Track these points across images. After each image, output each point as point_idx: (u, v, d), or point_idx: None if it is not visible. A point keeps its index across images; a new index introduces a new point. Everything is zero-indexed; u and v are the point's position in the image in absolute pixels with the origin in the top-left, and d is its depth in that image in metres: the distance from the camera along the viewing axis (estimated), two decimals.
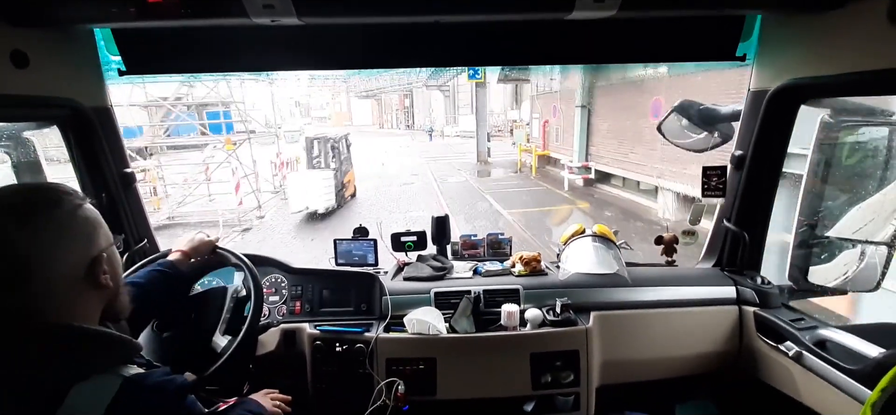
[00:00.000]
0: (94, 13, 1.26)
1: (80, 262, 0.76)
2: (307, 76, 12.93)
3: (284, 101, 48.39)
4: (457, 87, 35.45)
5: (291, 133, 30.22)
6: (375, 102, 52.84)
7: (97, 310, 0.81)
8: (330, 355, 1.66)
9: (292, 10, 1.21)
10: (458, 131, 32.29)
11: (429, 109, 42.48)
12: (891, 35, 1.14)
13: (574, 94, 14.25)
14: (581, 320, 1.68)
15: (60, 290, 0.74)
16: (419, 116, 44.91)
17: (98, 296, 0.80)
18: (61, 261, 0.74)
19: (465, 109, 34.95)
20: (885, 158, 1.59)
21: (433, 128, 35.31)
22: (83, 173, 1.64)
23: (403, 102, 47.43)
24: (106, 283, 0.79)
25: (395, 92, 43.05)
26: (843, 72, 1.31)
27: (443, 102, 39.47)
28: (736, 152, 1.77)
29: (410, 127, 45.62)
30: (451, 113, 38.63)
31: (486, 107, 21.10)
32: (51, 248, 0.73)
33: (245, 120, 15.08)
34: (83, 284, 0.77)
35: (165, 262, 1.36)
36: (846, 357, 1.35)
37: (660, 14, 1.45)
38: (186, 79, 8.92)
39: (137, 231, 1.79)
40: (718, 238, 1.92)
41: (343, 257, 1.99)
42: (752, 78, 1.66)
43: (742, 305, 1.75)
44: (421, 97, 43.24)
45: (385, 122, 51.99)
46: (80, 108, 1.51)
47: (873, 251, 1.59)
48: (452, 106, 38.68)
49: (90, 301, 0.79)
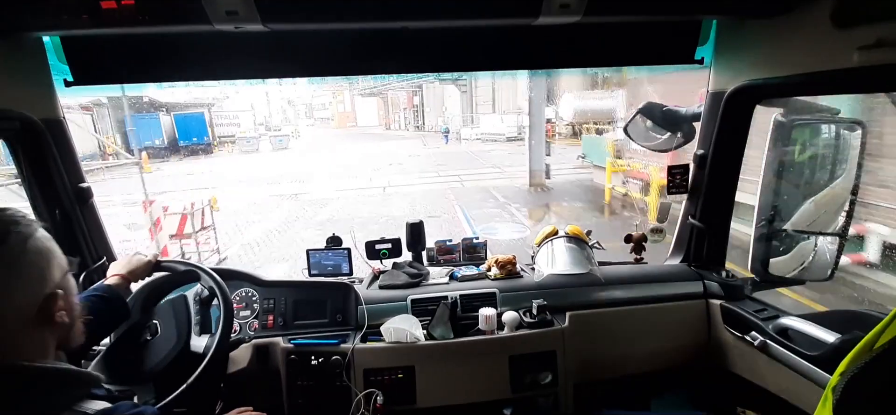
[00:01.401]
0: (45, 21, 1.20)
1: (30, 302, 0.70)
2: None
3: (277, 102, 45.84)
4: (475, 82, 30.64)
5: (282, 137, 27.95)
6: (381, 100, 47.51)
7: (51, 345, 0.75)
8: (305, 368, 1.61)
9: (257, 17, 1.18)
10: (480, 133, 27.57)
11: (441, 107, 36.56)
12: (835, 37, 1.21)
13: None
14: (557, 321, 1.70)
15: (7, 331, 0.67)
16: (431, 116, 38.68)
17: (52, 332, 0.74)
18: (8, 304, 0.67)
19: (485, 106, 30.77)
20: (833, 154, 1.69)
21: (448, 128, 30.45)
22: (34, 190, 1.54)
23: (412, 100, 41.17)
24: (61, 319, 0.73)
25: (404, 88, 38.65)
26: (794, 73, 1.39)
27: (459, 99, 33.59)
28: (698, 152, 1.84)
29: (420, 128, 39.94)
30: (467, 111, 33.11)
31: (543, 102, 13.35)
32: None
33: (232, 123, 13.72)
34: (34, 323, 0.70)
35: (102, 286, 1.30)
36: (807, 344, 1.42)
37: (622, 19, 1.50)
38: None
39: (96, 249, 1.70)
40: (685, 235, 1.99)
41: (316, 268, 1.95)
42: (710, 80, 1.74)
43: (709, 299, 1.81)
44: (432, 93, 37.46)
45: (392, 122, 45.95)
46: (30, 120, 1.42)
47: (826, 242, 1.69)
48: (469, 103, 32.99)
49: (43, 339, 0.73)
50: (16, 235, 0.70)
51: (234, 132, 29.05)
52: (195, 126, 24.59)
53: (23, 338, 0.69)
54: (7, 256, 0.68)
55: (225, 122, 29.63)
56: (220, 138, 27.18)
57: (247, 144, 26.43)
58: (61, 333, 0.76)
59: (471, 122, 31.19)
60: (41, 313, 0.71)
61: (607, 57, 1.70)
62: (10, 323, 0.68)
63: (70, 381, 0.72)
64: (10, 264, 0.68)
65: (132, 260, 1.41)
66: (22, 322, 0.69)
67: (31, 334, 0.71)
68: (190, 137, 24.37)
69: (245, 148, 25.97)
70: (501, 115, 26.87)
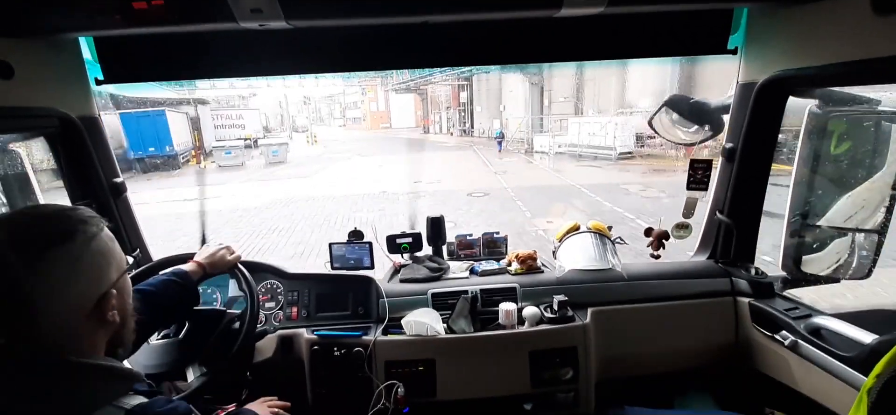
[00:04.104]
0: (80, 22, 1.25)
1: (88, 299, 0.73)
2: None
3: (295, 101, 40.04)
4: (549, 72, 21.35)
5: (277, 148, 20.46)
6: (418, 97, 39.83)
7: (102, 342, 0.78)
8: (328, 359, 1.65)
9: (280, 14, 1.20)
10: (567, 146, 18.05)
11: (498, 105, 26.41)
12: (875, 25, 1.15)
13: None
14: (578, 317, 1.68)
15: (65, 327, 0.70)
16: (483, 116, 28.87)
17: (104, 330, 0.77)
18: (68, 300, 0.70)
19: (563, 105, 20.27)
20: (872, 147, 1.61)
21: (503, 133, 21.91)
22: (73, 185, 1.62)
23: (457, 96, 31.90)
24: (113, 319, 0.76)
25: (447, 82, 30.58)
26: (830, 63, 1.32)
27: (525, 95, 23.18)
28: (726, 145, 1.78)
29: (467, 132, 30.49)
30: (537, 111, 22.67)
31: None
32: (59, 287, 0.69)
33: (236, 123, 11.39)
34: (89, 319, 0.73)
35: (180, 271, 1.34)
36: (841, 344, 1.37)
37: (648, 9, 1.46)
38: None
39: (130, 241, 1.77)
40: (711, 231, 1.94)
41: (338, 261, 1.97)
42: (740, 71, 1.68)
43: (737, 297, 1.76)
44: (485, 87, 28.35)
45: (431, 122, 37.42)
46: (68, 118, 1.49)
47: (864, 239, 1.62)
48: (540, 101, 22.71)
49: (95, 335, 0.76)
50: (83, 233, 0.72)
51: (239, 136, 23.96)
52: (151, 131, 17.21)
53: (76, 333, 0.72)
54: (72, 253, 0.70)
55: (227, 123, 25.54)
56: (207, 148, 20.63)
57: (226, 157, 18.58)
58: (113, 331, 0.79)
59: (541, 126, 22.28)
60: (95, 311, 0.74)
61: (633, 48, 1.66)
62: (66, 318, 0.70)
63: (116, 377, 0.75)
64: (74, 261, 0.71)
65: (217, 254, 1.44)
66: (77, 318, 0.72)
67: (84, 330, 0.73)
68: (144, 147, 17.21)
69: (224, 162, 18.31)
70: (607, 117, 17.29)
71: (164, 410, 0.75)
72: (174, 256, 1.47)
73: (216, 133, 24.06)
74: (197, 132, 20.65)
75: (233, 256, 1.48)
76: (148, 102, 16.24)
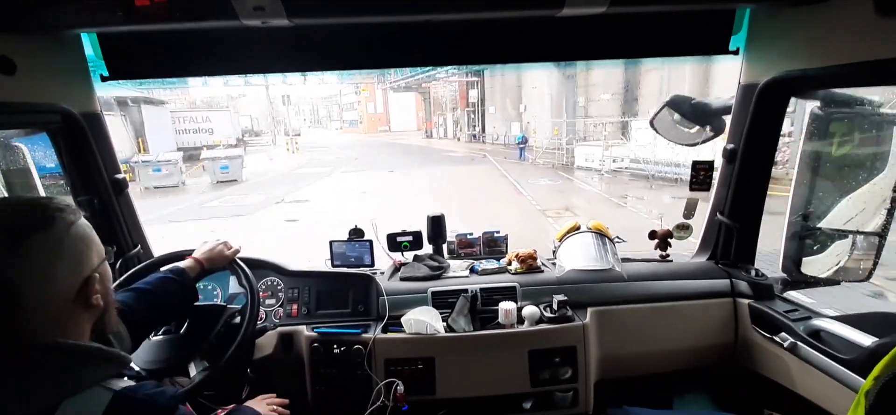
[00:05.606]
0: (83, 18, 1.25)
1: (71, 283, 0.74)
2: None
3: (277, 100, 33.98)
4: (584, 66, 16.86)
5: (226, 163, 16.17)
6: (420, 97, 35.12)
7: (87, 327, 0.79)
8: (328, 356, 1.65)
9: (282, 11, 1.20)
10: (632, 161, 13.52)
11: (519, 104, 22.51)
12: (879, 26, 1.15)
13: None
14: (578, 316, 1.68)
15: (50, 311, 0.72)
16: (496, 118, 24.90)
17: (88, 314, 0.79)
18: (52, 284, 0.72)
19: (603, 103, 16.02)
20: (873, 149, 1.61)
21: (526, 138, 18.93)
22: (75, 181, 1.62)
23: (465, 95, 27.29)
24: (97, 303, 0.78)
25: (454, 79, 26.30)
26: (833, 64, 1.32)
27: (552, 91, 19.10)
28: (728, 146, 1.78)
29: (477, 137, 26.59)
30: (569, 109, 18.33)
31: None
32: (41, 272, 0.70)
33: (201, 127, 8.26)
34: (73, 304, 0.75)
35: (177, 269, 1.34)
36: (840, 346, 1.37)
37: (650, 9, 1.46)
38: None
39: (131, 237, 1.78)
40: (712, 231, 1.94)
41: (339, 259, 1.98)
42: (742, 71, 1.68)
43: (737, 298, 1.76)
44: (500, 84, 24.14)
45: (434, 125, 33.02)
46: (70, 114, 1.49)
47: (864, 241, 1.62)
48: (571, 99, 18.36)
49: (80, 320, 0.77)
50: (60, 220, 0.74)
51: (205, 142, 19.66)
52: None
53: (63, 318, 0.74)
54: (52, 240, 0.72)
55: (191, 126, 21.34)
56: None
57: (155, 175, 14.64)
58: (96, 316, 0.81)
59: (574, 131, 17.01)
60: (80, 296, 0.75)
61: (635, 48, 1.66)
62: (53, 303, 0.72)
63: (104, 359, 0.76)
64: (55, 248, 0.72)
65: (215, 249, 1.43)
66: (63, 303, 0.74)
67: (70, 314, 0.75)
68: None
69: (153, 182, 14.50)
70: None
71: (152, 392, 0.76)
72: (174, 252, 1.47)
73: (178, 139, 20.46)
74: (141, 140, 16.90)
75: (231, 251, 1.48)
76: None
